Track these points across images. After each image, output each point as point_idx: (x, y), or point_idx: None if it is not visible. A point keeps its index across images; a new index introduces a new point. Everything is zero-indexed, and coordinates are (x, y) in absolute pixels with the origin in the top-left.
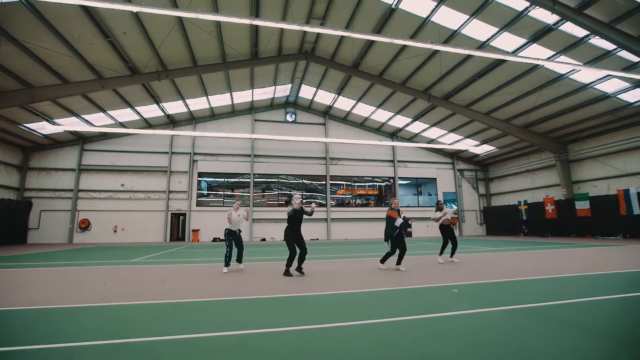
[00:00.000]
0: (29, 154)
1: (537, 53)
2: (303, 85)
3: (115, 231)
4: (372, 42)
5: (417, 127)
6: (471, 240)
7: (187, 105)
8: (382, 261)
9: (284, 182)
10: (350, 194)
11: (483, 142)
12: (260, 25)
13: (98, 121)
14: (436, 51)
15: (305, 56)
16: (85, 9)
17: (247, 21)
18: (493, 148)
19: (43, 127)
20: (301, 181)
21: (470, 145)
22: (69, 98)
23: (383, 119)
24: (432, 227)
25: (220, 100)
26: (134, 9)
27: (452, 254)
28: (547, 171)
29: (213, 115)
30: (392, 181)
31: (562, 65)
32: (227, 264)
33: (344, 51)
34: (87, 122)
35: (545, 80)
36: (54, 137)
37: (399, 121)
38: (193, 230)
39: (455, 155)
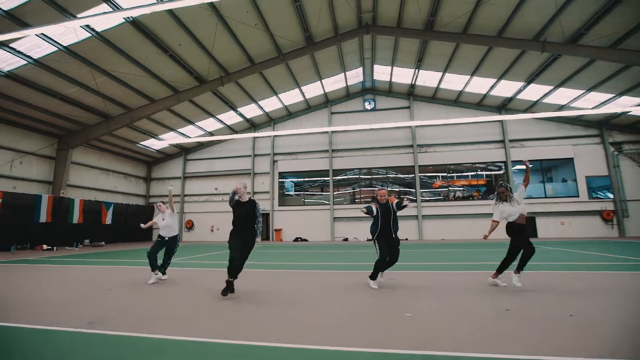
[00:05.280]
0: (150, 167)
1: None
2: (375, 66)
3: (212, 230)
4: None
5: (534, 92)
6: (637, 244)
7: (261, 107)
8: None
9: (370, 177)
10: (447, 186)
11: None
12: None
13: (191, 132)
14: None
15: (367, 29)
16: (140, 28)
17: None
18: None
19: (152, 144)
20: (388, 174)
21: (630, 106)
22: (161, 115)
23: (483, 90)
24: (568, 225)
25: (291, 97)
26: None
27: (521, 268)
28: None
29: (290, 114)
30: (503, 166)
31: None
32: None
33: (410, 12)
34: (183, 134)
35: None
36: (164, 151)
37: (506, 89)
38: (275, 230)
39: (604, 124)
